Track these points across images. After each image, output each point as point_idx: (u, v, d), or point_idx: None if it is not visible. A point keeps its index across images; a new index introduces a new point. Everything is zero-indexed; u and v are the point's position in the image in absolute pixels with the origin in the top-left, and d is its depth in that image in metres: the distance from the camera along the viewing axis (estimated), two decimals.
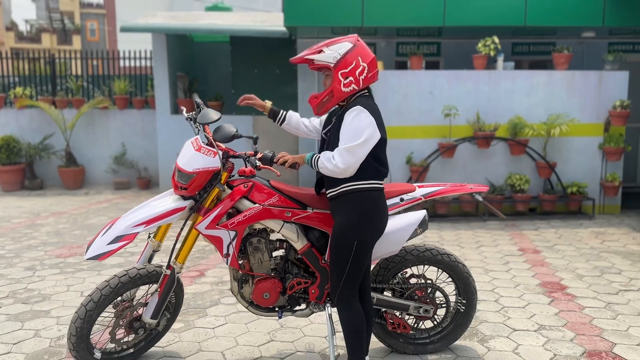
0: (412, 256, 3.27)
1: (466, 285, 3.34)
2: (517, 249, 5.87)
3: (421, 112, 7.37)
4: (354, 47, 2.77)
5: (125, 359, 3.25)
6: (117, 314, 3.10)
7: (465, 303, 3.35)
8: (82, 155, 10.49)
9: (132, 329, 3.16)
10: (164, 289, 3.07)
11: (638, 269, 5.08)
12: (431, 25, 7.44)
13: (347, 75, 2.74)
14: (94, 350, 3.10)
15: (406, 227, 3.13)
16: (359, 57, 2.76)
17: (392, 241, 3.11)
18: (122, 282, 3.03)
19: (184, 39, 9.63)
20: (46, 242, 6.28)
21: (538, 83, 7.42)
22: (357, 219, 2.75)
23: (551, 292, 4.51)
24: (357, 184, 2.73)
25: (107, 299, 2.99)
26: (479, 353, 3.42)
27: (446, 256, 3.31)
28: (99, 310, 2.99)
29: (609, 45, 8.84)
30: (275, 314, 3.21)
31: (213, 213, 3.00)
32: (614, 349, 3.43)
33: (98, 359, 3.11)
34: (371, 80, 2.82)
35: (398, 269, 3.30)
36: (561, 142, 7.40)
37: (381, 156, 2.79)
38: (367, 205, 2.76)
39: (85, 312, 2.96)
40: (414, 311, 3.28)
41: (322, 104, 2.83)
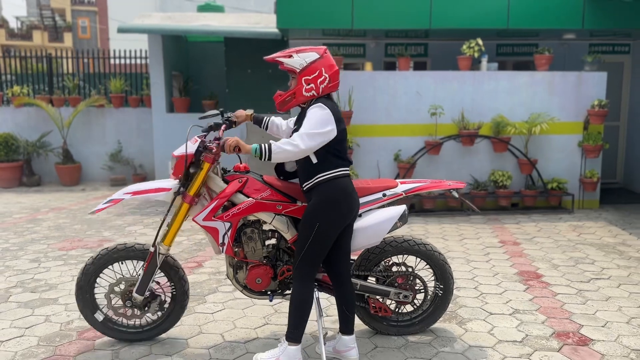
0: (391, 247, 3.57)
1: (442, 272, 3.64)
2: (497, 241, 6.19)
3: (409, 111, 7.67)
4: (320, 58, 3.11)
5: (125, 336, 3.60)
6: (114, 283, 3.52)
7: (443, 287, 3.65)
8: (79, 153, 10.72)
9: (125, 302, 3.50)
10: (147, 266, 3.41)
11: (610, 260, 5.42)
12: (418, 27, 7.74)
13: (309, 82, 3.09)
14: (97, 311, 3.53)
15: (387, 221, 3.41)
16: (322, 68, 3.10)
17: (374, 233, 3.40)
18: (118, 249, 3.49)
19: (179, 38, 9.87)
20: (48, 236, 6.53)
21: (520, 83, 7.75)
22: (324, 202, 3.08)
23: (527, 280, 4.83)
24: (326, 173, 3.09)
25: (103, 259, 3.47)
26: (457, 334, 3.73)
27: (422, 246, 3.60)
28: (96, 267, 3.47)
29: (589, 46, 9.19)
30: (267, 297, 3.49)
31: (208, 207, 3.29)
32: (580, 330, 3.76)
33: (99, 320, 3.54)
34: (331, 89, 3.16)
35: (379, 259, 3.59)
36: (542, 139, 7.74)
37: (341, 150, 3.14)
38: (334, 191, 3.09)
39: (85, 266, 3.49)
40: (394, 297, 3.58)
41: (285, 103, 3.20)
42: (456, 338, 3.66)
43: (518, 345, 3.54)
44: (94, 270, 3.49)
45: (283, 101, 3.20)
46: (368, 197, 3.46)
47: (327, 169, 3.09)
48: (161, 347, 3.55)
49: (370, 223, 3.38)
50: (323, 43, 9.03)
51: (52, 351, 3.50)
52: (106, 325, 3.58)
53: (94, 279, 3.52)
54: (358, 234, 3.37)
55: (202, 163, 3.31)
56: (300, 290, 3.13)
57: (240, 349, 3.52)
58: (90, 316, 3.54)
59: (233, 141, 3.09)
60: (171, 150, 9.02)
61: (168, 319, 3.63)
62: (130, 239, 6.40)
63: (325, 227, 3.07)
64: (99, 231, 6.79)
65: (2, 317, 4.05)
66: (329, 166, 3.10)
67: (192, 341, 3.64)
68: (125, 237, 6.46)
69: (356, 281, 3.51)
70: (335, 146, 3.10)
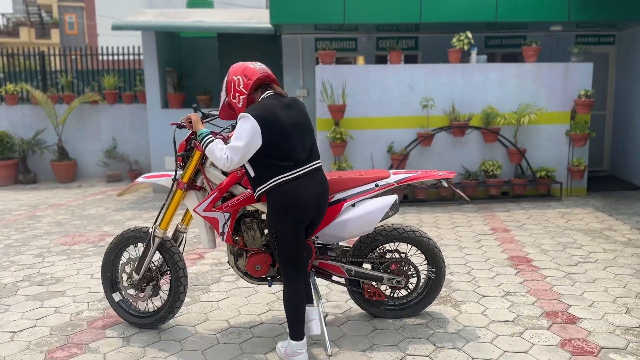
0: (382, 236, 3.71)
1: (433, 256, 3.79)
2: (489, 228, 6.39)
3: (401, 104, 7.84)
4: (226, 77, 3.25)
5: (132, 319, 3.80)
6: (124, 263, 3.77)
7: (435, 271, 3.81)
8: (74, 150, 10.80)
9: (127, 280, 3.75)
10: (144, 247, 3.65)
11: (597, 244, 5.63)
12: (409, 21, 7.90)
13: (235, 96, 3.20)
14: (115, 291, 3.81)
15: (379, 210, 3.54)
16: (232, 77, 3.21)
17: (366, 222, 3.53)
18: (129, 231, 3.74)
19: (171, 35, 9.95)
20: (49, 232, 6.65)
21: (508, 75, 7.94)
22: (272, 212, 3.12)
23: (517, 264, 5.03)
24: (266, 184, 3.09)
25: (118, 241, 3.76)
26: (452, 315, 3.91)
27: (411, 232, 3.74)
28: (114, 247, 3.78)
29: (575, 37, 9.39)
30: (266, 282, 3.65)
31: (208, 199, 3.46)
32: (568, 310, 3.96)
33: (115, 299, 3.81)
34: (252, 84, 3.16)
35: (371, 247, 3.74)
36: (531, 129, 7.94)
37: (279, 156, 3.06)
38: (276, 200, 3.08)
39: (108, 246, 3.85)
40: (388, 282, 3.74)
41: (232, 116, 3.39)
42: (451, 319, 3.85)
43: (510, 324, 3.73)
44: (112, 250, 3.79)
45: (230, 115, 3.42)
46: (361, 188, 3.60)
47: (264, 181, 3.10)
48: (170, 334, 3.70)
49: (363, 212, 3.52)
50: (315, 38, 9.18)
51: (65, 340, 3.64)
52: (120, 305, 3.81)
53: (113, 258, 3.81)
54: (351, 223, 3.50)
55: (193, 151, 3.52)
56: (287, 289, 3.21)
57: (246, 334, 3.68)
58: (109, 294, 3.83)
59: (193, 115, 3.35)
60: (166, 146, 9.13)
61: (165, 306, 3.70)
62: None
63: (281, 233, 3.12)
64: (99, 226, 6.91)
65: (13, 310, 4.19)
66: (265, 178, 3.10)
67: (199, 327, 3.80)
68: None
69: (351, 267, 3.68)
70: (271, 154, 3.07)
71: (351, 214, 3.51)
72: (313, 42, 9.16)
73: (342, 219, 3.51)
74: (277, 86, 3.29)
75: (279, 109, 3.12)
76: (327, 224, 3.52)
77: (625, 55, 9.20)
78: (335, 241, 3.70)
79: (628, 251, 5.36)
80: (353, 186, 3.60)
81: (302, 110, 3.29)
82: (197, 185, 3.60)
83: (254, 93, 3.25)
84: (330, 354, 3.34)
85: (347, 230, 3.53)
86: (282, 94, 3.25)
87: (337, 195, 3.58)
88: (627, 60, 9.15)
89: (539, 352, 3.33)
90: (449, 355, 3.32)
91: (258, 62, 3.30)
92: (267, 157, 3.08)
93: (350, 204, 3.55)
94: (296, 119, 3.18)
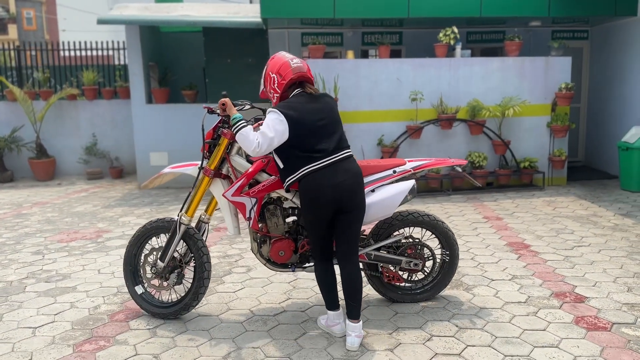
0: (398, 220, 3.85)
1: (447, 239, 3.95)
2: (481, 217, 6.60)
3: (390, 97, 7.98)
4: (266, 68, 3.42)
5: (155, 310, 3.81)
6: (147, 254, 3.81)
7: (449, 253, 3.97)
8: (52, 147, 10.56)
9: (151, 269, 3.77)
10: (170, 235, 3.68)
11: (587, 229, 5.90)
12: (397, 16, 8.04)
13: (269, 90, 3.42)
14: (138, 284, 3.83)
15: (399, 194, 3.69)
16: (269, 72, 3.39)
17: (387, 206, 3.67)
18: (151, 223, 3.78)
19: (153, 29, 9.84)
20: (42, 230, 6.52)
21: (492, 69, 8.18)
22: (302, 201, 3.32)
23: (517, 250, 5.24)
24: (295, 175, 3.27)
25: (140, 233, 3.80)
26: (467, 298, 4.07)
27: (426, 217, 3.89)
28: (137, 241, 3.81)
29: (552, 32, 9.73)
30: (288, 269, 3.75)
31: (237, 184, 3.55)
32: (575, 290, 4.16)
33: (138, 292, 3.82)
34: (285, 85, 3.33)
35: (389, 232, 3.87)
36: (514, 121, 8.20)
37: (305, 147, 3.24)
38: (307, 188, 3.24)
39: (129, 241, 3.84)
40: (406, 265, 3.87)
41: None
42: (466, 302, 3.99)
43: (523, 305, 3.91)
44: (134, 243, 3.80)
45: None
46: (381, 174, 3.74)
47: (292, 172, 3.28)
48: (196, 324, 3.73)
49: (383, 197, 3.65)
50: (302, 32, 9.24)
51: (90, 333, 3.62)
52: (143, 298, 3.82)
53: (135, 251, 3.82)
54: (372, 207, 3.62)
55: (220, 139, 3.59)
56: (317, 268, 3.47)
57: (271, 321, 3.74)
58: (131, 288, 3.84)
59: (224, 100, 3.40)
60: (152, 141, 9.06)
61: (190, 293, 3.74)
62: (125, 229, 6.48)
63: (311, 220, 3.34)
64: (92, 223, 6.82)
65: (26, 306, 4.13)
66: (294, 169, 3.27)
67: (223, 317, 3.84)
68: (120, 228, 6.53)
69: (370, 251, 3.81)
70: (298, 147, 3.24)
71: (372, 198, 3.63)
72: (299, 36, 9.22)
73: None
74: (309, 84, 3.42)
75: (306, 106, 3.30)
76: None
77: (598, 49, 9.59)
78: None
79: (617, 235, 5.63)
80: (372, 173, 3.73)
81: (329, 103, 3.43)
82: (223, 174, 3.68)
83: (287, 90, 3.41)
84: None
85: (369, 214, 3.63)
86: (313, 91, 3.39)
87: None
88: (600, 54, 9.54)
89: (556, 329, 3.50)
90: (472, 335, 3.46)
91: (296, 58, 3.41)
92: (294, 149, 3.26)
93: (370, 189, 3.67)
94: (322, 113, 3.34)
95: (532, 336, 3.42)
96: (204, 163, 3.64)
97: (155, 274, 3.73)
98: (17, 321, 3.85)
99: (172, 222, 3.71)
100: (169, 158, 9.17)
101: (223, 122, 3.58)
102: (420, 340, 3.41)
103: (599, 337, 3.38)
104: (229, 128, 3.54)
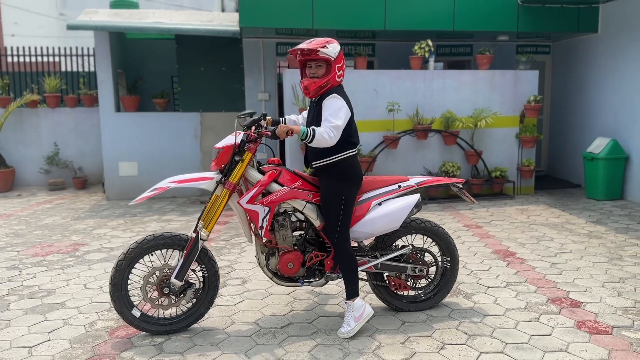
0: (402, 228, 3.91)
1: (447, 245, 4.03)
2: (462, 225, 6.74)
3: (367, 108, 8.06)
4: (335, 46, 3.55)
5: (162, 328, 3.66)
6: (148, 274, 3.60)
7: (450, 260, 4.05)
8: (11, 156, 10.10)
9: (162, 290, 3.59)
10: (188, 252, 3.55)
11: (564, 236, 6.12)
12: (374, 28, 8.15)
13: (340, 69, 3.56)
14: (133, 307, 3.58)
15: (405, 207, 3.81)
16: (342, 56, 3.61)
17: (394, 219, 3.79)
18: (147, 240, 3.55)
19: (120, 35, 9.59)
20: (11, 243, 6.20)
21: (465, 81, 8.40)
22: (342, 180, 3.56)
23: (504, 257, 5.37)
24: (337, 156, 3.54)
25: (134, 252, 3.53)
26: (469, 306, 4.14)
27: (427, 223, 3.99)
28: (128, 261, 3.52)
29: (517, 47, 10.09)
30: (295, 284, 3.78)
31: (251, 192, 3.54)
32: (569, 295, 4.30)
33: (136, 316, 3.58)
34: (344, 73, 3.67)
35: (392, 240, 3.95)
36: (485, 132, 8.44)
37: (351, 130, 3.57)
38: (347, 170, 3.57)
39: (117, 262, 3.53)
40: (411, 271, 3.93)
41: (320, 88, 3.54)
42: (469, 310, 4.06)
43: (524, 311, 4.01)
44: (126, 265, 3.54)
45: (319, 87, 3.55)
46: (387, 188, 3.90)
47: (339, 152, 3.53)
48: (203, 338, 3.63)
49: (391, 210, 3.78)
50: (276, 42, 9.21)
51: (92, 351, 3.46)
52: (144, 320, 3.62)
53: (128, 274, 3.57)
54: (380, 220, 3.74)
55: (244, 153, 3.55)
56: (349, 254, 3.64)
57: (280, 334, 3.69)
58: (127, 313, 3.57)
59: (284, 127, 3.37)
60: (121, 151, 8.84)
61: (203, 302, 3.72)
62: (102, 242, 6.25)
63: (348, 200, 3.59)
64: (65, 236, 6.54)
65: (15, 324, 3.91)
66: (340, 150, 3.53)
67: (229, 330, 3.75)
68: (96, 240, 6.29)
69: (375, 261, 3.85)
70: (347, 130, 3.53)
71: (380, 211, 3.75)
72: (274, 46, 9.19)
73: (372, 216, 3.77)
74: None
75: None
76: (358, 221, 3.73)
77: (560, 63, 10.02)
78: (365, 237, 3.86)
79: (594, 242, 5.87)
80: (378, 187, 3.88)
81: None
82: (238, 188, 3.64)
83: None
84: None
85: (376, 226, 3.76)
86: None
87: (364, 195, 3.80)
88: (561, 68, 9.97)
89: (561, 334, 3.61)
90: (483, 342, 3.52)
91: None
92: (345, 132, 3.51)
93: (377, 203, 3.78)
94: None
95: (540, 341, 3.51)
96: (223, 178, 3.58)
97: (167, 293, 3.60)
98: (9, 341, 3.64)
99: (178, 238, 3.61)
100: (138, 168, 8.92)
101: (247, 139, 3.56)
102: (434, 349, 3.44)
103: (603, 340, 3.51)
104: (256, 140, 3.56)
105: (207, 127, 8.96)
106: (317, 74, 3.54)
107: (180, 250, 3.61)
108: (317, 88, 3.52)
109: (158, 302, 3.63)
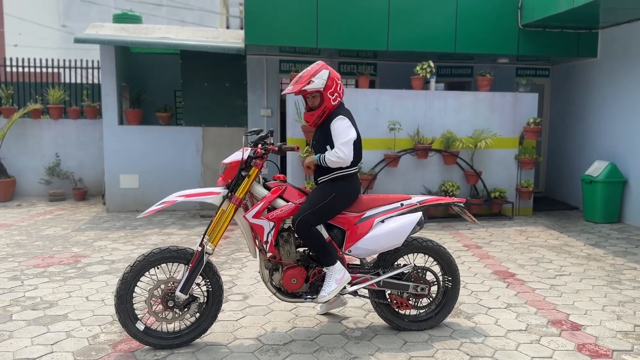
0: (403, 246, 3.97)
1: (449, 264, 4.08)
2: (462, 245, 6.78)
3: (369, 126, 8.14)
4: (329, 72, 3.74)
5: (166, 342, 3.67)
6: (153, 287, 3.63)
7: (451, 279, 4.09)
8: (12, 166, 10.12)
9: (166, 303, 3.61)
10: (194, 265, 3.58)
11: (563, 259, 6.17)
12: (377, 48, 8.27)
13: (333, 93, 3.74)
14: (137, 321, 3.59)
15: (408, 225, 3.88)
16: (334, 78, 3.76)
17: (396, 236, 3.85)
18: (154, 253, 3.59)
19: (125, 50, 9.69)
20: (13, 254, 6.21)
21: (465, 102, 8.51)
22: (337, 189, 3.74)
23: (504, 278, 5.41)
24: (340, 172, 3.74)
25: (140, 265, 3.56)
26: (469, 326, 4.16)
27: (429, 242, 4.05)
28: (134, 273, 3.55)
29: (516, 69, 10.23)
30: (298, 300, 3.83)
31: (257, 206, 3.63)
32: (569, 318, 4.34)
33: (140, 329, 3.60)
34: (343, 91, 3.84)
35: (394, 258, 3.99)
36: (484, 153, 8.52)
37: (355, 151, 3.73)
38: (344, 182, 3.77)
39: (123, 275, 3.55)
40: (413, 290, 3.97)
41: (319, 118, 3.78)
42: (470, 330, 4.09)
43: (525, 333, 4.04)
44: (132, 278, 3.57)
45: (318, 117, 3.78)
46: (390, 206, 3.95)
47: (341, 167, 3.71)
48: (206, 354, 3.64)
49: (394, 227, 3.85)
50: (280, 59, 9.32)
51: None
52: (148, 334, 3.64)
53: (133, 286, 3.61)
54: (383, 237, 3.81)
55: (251, 169, 3.64)
56: (311, 233, 3.66)
57: (283, 351, 3.70)
58: (132, 326, 3.60)
59: (307, 162, 3.76)
60: (123, 163, 8.88)
61: (207, 317, 3.75)
62: (103, 254, 6.26)
63: (336, 203, 3.73)
64: (66, 247, 6.55)
65: (18, 336, 3.92)
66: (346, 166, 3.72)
67: (232, 346, 3.77)
68: (97, 253, 6.31)
69: (377, 278, 3.90)
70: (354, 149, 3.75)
71: (383, 228, 3.81)
72: (278, 63, 9.29)
73: (375, 233, 3.83)
74: None
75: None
76: (360, 238, 3.78)
77: (558, 86, 10.16)
78: (368, 254, 3.92)
79: (593, 265, 5.92)
80: (381, 205, 3.92)
81: None
82: (244, 203, 3.70)
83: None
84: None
85: (379, 243, 3.84)
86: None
87: (367, 212, 3.86)
88: (560, 91, 10.10)
89: (562, 357, 3.64)
90: None
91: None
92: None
93: (380, 220, 3.84)
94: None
95: None
96: (229, 192, 3.65)
97: (172, 307, 3.63)
98: (12, 352, 3.64)
99: (184, 251, 3.66)
100: (139, 180, 8.96)
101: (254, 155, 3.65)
102: None
103: None
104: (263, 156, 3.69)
105: (209, 142, 9.02)
106: (315, 104, 3.78)
107: (185, 263, 3.66)
108: (316, 119, 3.78)
109: (162, 315, 3.66)
